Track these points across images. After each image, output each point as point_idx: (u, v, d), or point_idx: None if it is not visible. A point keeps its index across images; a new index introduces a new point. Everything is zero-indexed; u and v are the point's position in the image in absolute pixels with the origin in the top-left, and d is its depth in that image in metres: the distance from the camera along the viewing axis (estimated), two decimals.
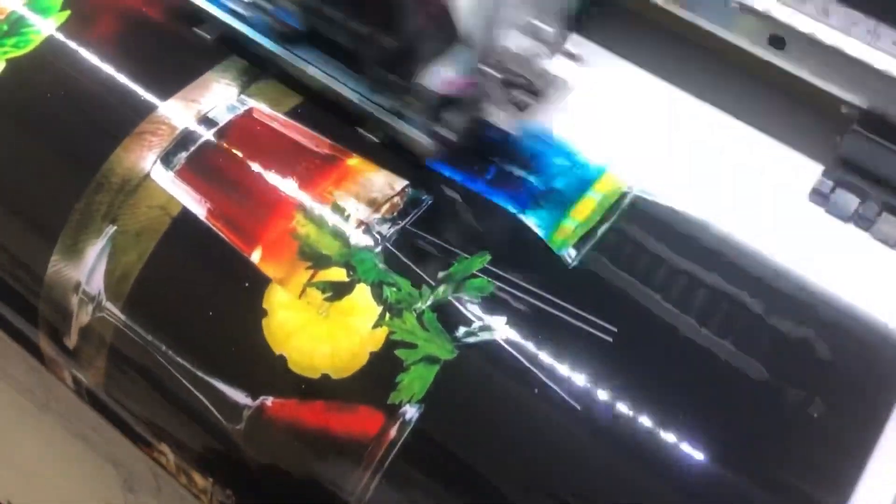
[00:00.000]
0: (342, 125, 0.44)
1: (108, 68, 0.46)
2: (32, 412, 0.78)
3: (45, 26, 0.47)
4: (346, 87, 0.44)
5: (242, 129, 0.44)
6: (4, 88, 0.46)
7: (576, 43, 0.47)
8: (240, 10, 0.46)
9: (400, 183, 0.42)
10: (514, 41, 0.42)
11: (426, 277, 0.39)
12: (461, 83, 0.41)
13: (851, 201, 0.42)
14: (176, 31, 0.47)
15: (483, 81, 0.42)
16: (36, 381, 0.72)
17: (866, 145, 0.42)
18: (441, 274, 0.39)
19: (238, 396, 0.40)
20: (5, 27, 0.47)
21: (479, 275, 0.39)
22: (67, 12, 0.48)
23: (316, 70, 0.44)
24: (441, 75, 0.41)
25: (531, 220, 0.42)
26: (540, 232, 0.41)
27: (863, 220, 0.42)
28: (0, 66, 0.46)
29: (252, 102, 0.45)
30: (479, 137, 0.43)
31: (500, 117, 0.43)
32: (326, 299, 0.39)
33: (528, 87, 0.43)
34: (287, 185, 0.42)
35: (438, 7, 0.38)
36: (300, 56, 0.44)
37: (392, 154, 0.43)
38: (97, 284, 0.42)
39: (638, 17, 0.47)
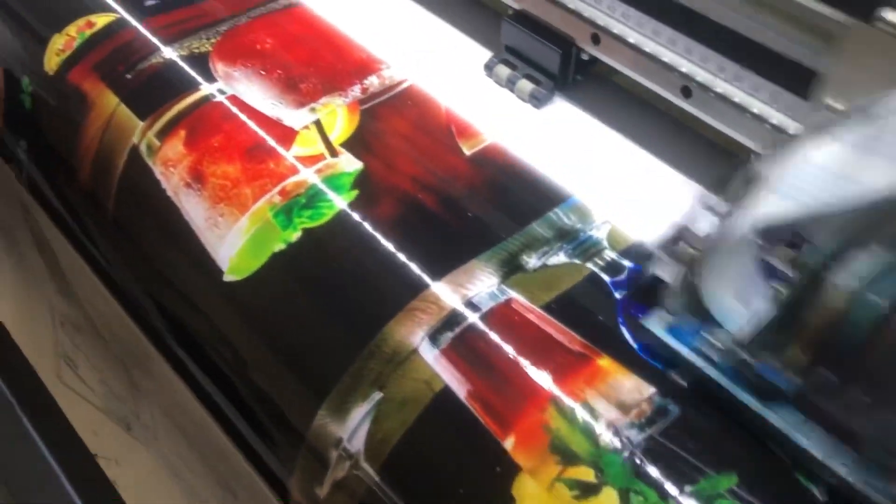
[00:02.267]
0: (593, 324, 0.47)
1: (388, 247, 0.52)
2: None
3: (337, 203, 0.54)
4: (834, 461, 0.40)
5: (502, 318, 0.48)
6: (299, 254, 0.53)
7: None
8: (714, 356, 0.43)
9: (648, 389, 0.44)
10: None
11: (672, 491, 0.41)
12: None
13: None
14: (447, 219, 0.53)
15: None
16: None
17: None
18: (687, 488, 0.41)
19: None
20: (303, 200, 0.54)
21: (726, 496, 0.40)
22: (356, 191, 0.55)
23: (798, 436, 0.41)
24: None
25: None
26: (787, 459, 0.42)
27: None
28: (297, 234, 0.53)
29: (511, 293, 0.49)
30: None
31: None
32: (574, 497, 0.41)
33: None
34: (541, 378, 0.45)
35: None
36: (780, 415, 0.41)
37: (640, 359, 0.46)
38: (358, 444, 0.47)
39: None
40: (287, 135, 0.58)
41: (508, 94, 0.62)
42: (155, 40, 0.65)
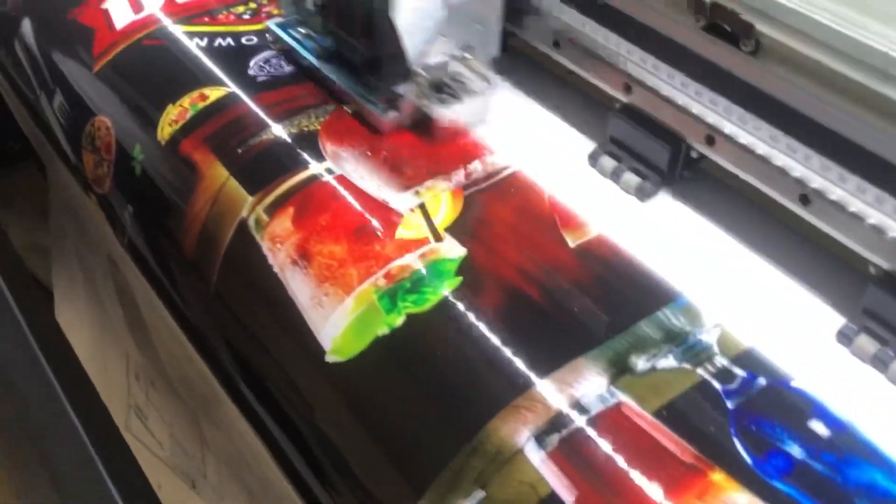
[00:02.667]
0: (705, 435, 0.46)
1: (492, 339, 0.51)
2: None
3: (441, 289, 0.54)
4: (344, 82, 0.67)
5: (612, 423, 0.47)
6: (402, 340, 0.52)
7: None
8: (301, 38, 0.72)
9: None
10: (447, 60, 0.66)
11: None
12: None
13: (872, 345, 0.49)
14: (552, 312, 0.53)
15: (419, 81, 0.65)
16: None
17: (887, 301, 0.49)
18: None
19: None
20: (408, 285, 0.55)
21: None
22: (460, 279, 0.55)
23: (330, 72, 0.68)
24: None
25: None
26: None
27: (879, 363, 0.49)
28: (401, 318, 0.53)
29: (621, 396, 0.48)
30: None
31: (429, 108, 0.64)
32: None
33: (451, 92, 0.65)
34: (652, 490, 0.44)
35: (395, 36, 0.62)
36: (325, 65, 0.69)
37: (754, 475, 0.44)
38: None
39: None
40: (393, 217, 0.59)
41: (612, 185, 0.62)
42: (265, 117, 0.67)
